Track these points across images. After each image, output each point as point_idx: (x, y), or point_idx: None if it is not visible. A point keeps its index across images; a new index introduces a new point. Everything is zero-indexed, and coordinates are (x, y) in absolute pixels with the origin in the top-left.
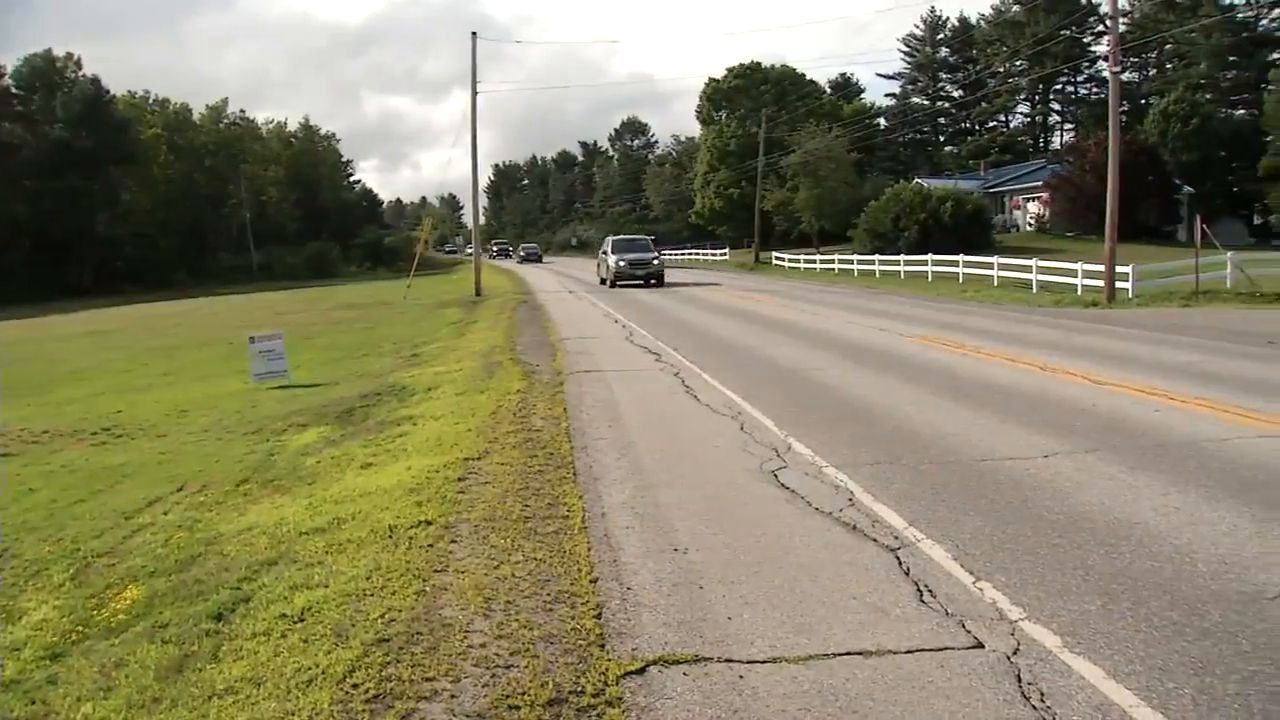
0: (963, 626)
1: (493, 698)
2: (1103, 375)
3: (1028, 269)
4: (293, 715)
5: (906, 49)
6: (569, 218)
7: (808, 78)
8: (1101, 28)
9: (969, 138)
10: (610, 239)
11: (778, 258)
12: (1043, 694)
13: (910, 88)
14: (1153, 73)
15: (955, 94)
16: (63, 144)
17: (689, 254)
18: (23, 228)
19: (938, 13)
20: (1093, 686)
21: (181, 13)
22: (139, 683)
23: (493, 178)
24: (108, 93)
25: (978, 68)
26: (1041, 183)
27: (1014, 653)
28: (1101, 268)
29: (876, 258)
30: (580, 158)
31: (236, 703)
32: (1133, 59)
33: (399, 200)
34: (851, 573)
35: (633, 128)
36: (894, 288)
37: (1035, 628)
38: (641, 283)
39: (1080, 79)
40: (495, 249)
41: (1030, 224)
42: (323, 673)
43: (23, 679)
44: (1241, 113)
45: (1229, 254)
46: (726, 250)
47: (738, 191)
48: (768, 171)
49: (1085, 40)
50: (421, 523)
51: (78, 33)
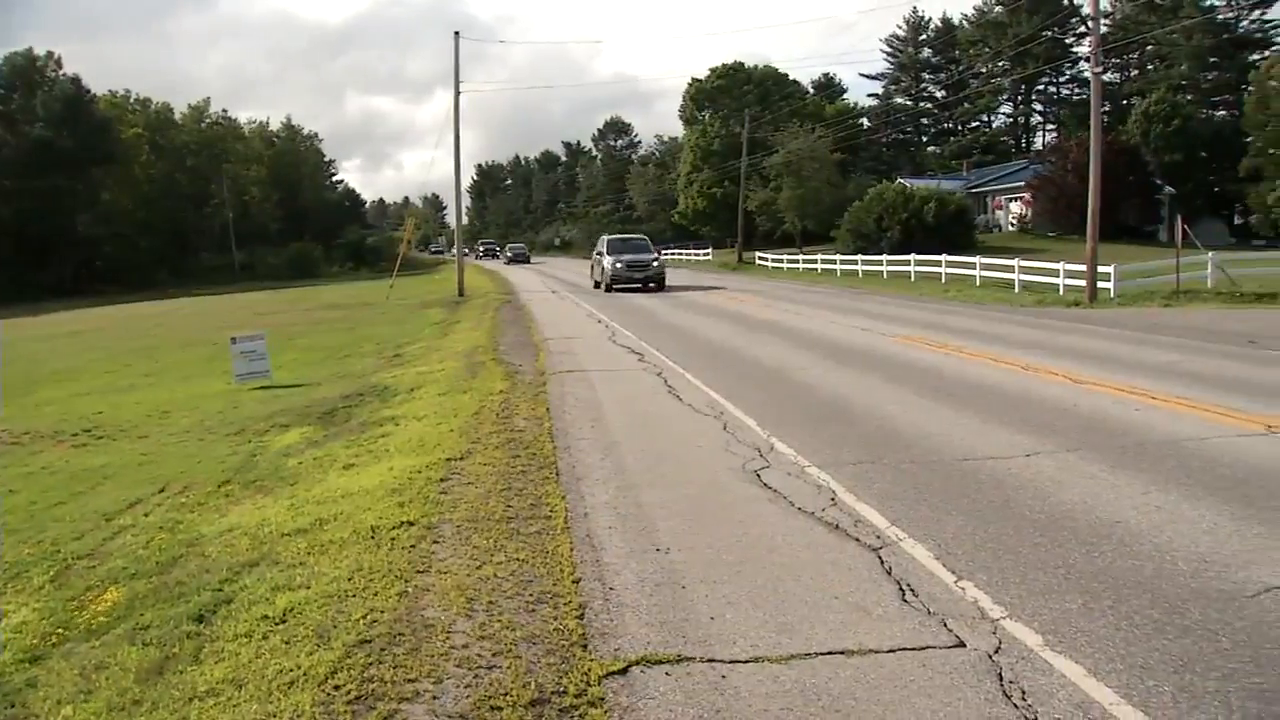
0: (945, 625)
1: (475, 699)
2: (1084, 375)
3: (1010, 269)
4: (274, 717)
5: (889, 49)
6: (552, 218)
7: (791, 78)
8: (1083, 29)
9: (952, 138)
10: (605, 238)
11: (761, 258)
12: (1024, 692)
13: (893, 88)
14: (1134, 73)
15: (938, 94)
16: (43, 143)
17: (673, 254)
18: (3, 228)
19: (920, 13)
20: (1074, 685)
21: (163, 12)
22: (119, 685)
23: (476, 178)
24: (89, 92)
25: (960, 68)
26: (1024, 183)
27: (995, 651)
28: (1083, 268)
29: (860, 258)
30: (563, 158)
31: (218, 705)
32: (1114, 60)
33: (382, 200)
34: (834, 572)
35: (616, 128)
36: (877, 287)
37: (1017, 626)
38: (640, 287)
39: (1062, 79)
40: (482, 249)
41: (1013, 224)
42: (305, 674)
43: (2, 682)
44: (1222, 114)
45: (1210, 254)
46: (710, 250)
47: (721, 191)
48: (751, 172)
49: (1067, 41)
50: (404, 523)
51: (58, 32)
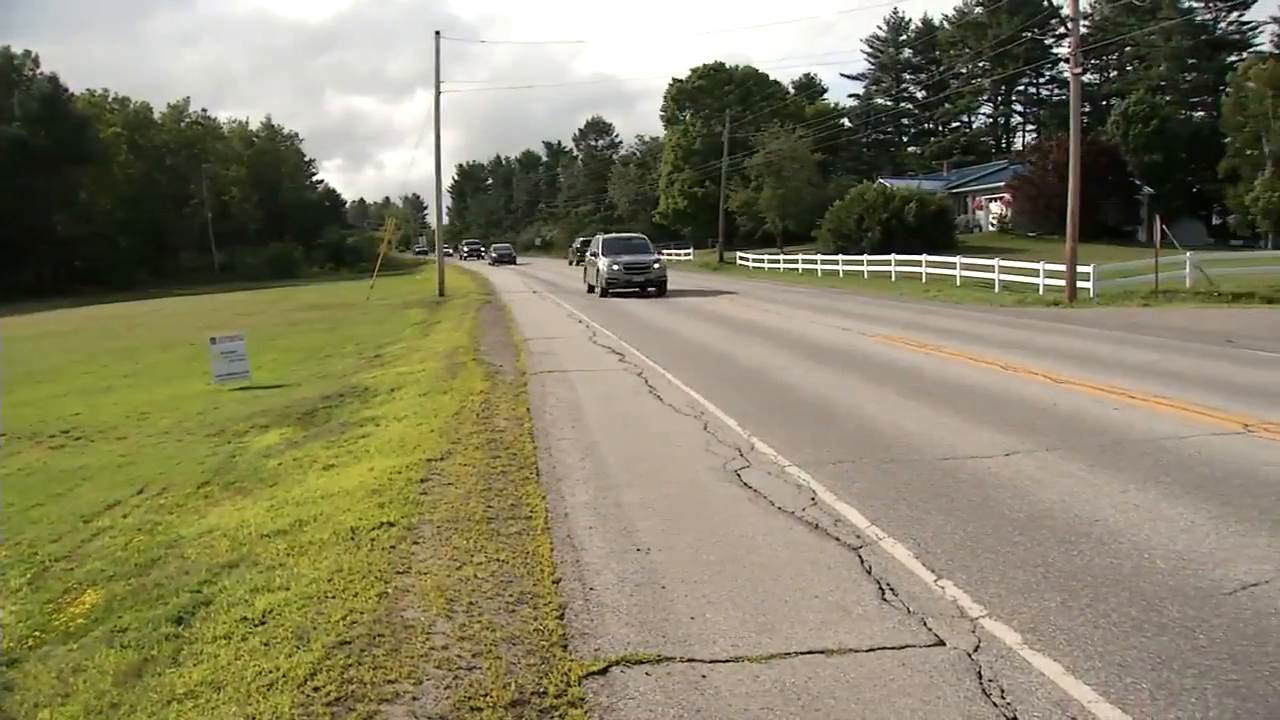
0: (924, 624)
1: (455, 699)
2: (1064, 374)
3: (990, 269)
4: (254, 719)
5: (870, 50)
6: (533, 218)
7: (772, 78)
8: (1063, 30)
9: (932, 138)
10: (600, 238)
11: (742, 258)
12: (1003, 690)
13: (874, 88)
14: (1114, 74)
15: (918, 95)
16: (20, 142)
17: None
18: None
19: (901, 14)
20: (1052, 683)
21: (141, 11)
22: (97, 688)
23: (457, 178)
24: (66, 91)
25: (941, 69)
26: (1004, 183)
27: (975, 650)
28: (1063, 268)
29: (840, 258)
30: (544, 158)
31: (196, 707)
32: (1094, 61)
33: (362, 200)
34: (814, 572)
35: (597, 128)
36: (858, 287)
37: (996, 625)
38: (639, 291)
39: (1042, 80)
40: (466, 249)
41: (993, 224)
42: (284, 676)
43: None
44: (1201, 115)
45: (1188, 254)
46: (690, 250)
47: (702, 191)
48: (732, 172)
49: (1047, 42)
50: (384, 524)
51: (35, 30)
